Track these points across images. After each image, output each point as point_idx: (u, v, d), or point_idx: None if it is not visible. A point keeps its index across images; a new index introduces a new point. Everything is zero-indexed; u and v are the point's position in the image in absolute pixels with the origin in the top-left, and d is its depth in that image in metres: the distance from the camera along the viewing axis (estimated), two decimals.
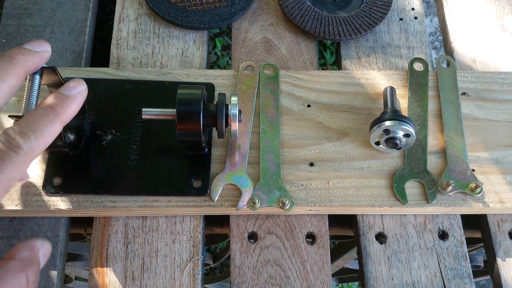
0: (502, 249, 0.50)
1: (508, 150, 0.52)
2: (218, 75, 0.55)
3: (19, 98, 0.53)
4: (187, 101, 0.44)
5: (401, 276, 0.49)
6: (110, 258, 0.48)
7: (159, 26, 0.61)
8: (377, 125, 0.48)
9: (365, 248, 0.50)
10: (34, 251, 0.35)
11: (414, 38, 0.62)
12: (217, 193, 0.48)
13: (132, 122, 0.51)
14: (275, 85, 0.55)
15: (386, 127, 0.48)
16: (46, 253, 0.36)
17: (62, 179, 0.48)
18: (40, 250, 0.36)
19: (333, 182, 0.50)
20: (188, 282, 0.47)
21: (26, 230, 0.49)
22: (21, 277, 0.32)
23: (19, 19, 0.60)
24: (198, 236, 0.49)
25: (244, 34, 0.61)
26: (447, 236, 0.51)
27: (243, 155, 0.50)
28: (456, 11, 0.65)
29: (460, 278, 0.49)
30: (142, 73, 0.55)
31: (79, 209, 0.48)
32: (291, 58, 0.60)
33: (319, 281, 0.48)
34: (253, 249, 0.49)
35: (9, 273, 0.32)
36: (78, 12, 0.61)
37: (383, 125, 0.48)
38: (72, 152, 0.48)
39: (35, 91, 0.40)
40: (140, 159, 0.50)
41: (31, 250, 0.35)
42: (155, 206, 0.48)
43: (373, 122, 0.49)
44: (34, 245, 0.36)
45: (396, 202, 0.49)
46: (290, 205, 0.48)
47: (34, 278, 0.34)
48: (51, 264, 0.48)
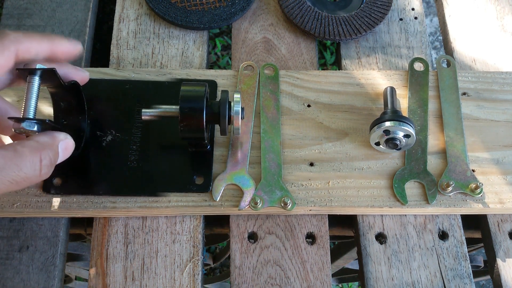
0: (502, 249, 0.50)
1: (509, 151, 0.52)
2: (218, 75, 0.55)
3: (19, 99, 0.53)
4: (190, 98, 0.44)
5: (401, 276, 0.49)
6: (110, 258, 0.48)
7: (159, 26, 0.61)
8: (377, 125, 0.48)
9: (365, 248, 0.50)
10: (54, 140, 0.38)
11: (414, 38, 0.62)
12: (219, 193, 0.48)
13: (132, 123, 0.51)
14: (275, 85, 0.55)
15: (386, 128, 0.48)
16: (67, 147, 0.40)
17: (62, 180, 0.48)
18: (61, 142, 0.39)
19: (333, 182, 0.50)
20: (188, 282, 0.47)
21: (26, 230, 0.49)
22: (35, 156, 0.36)
23: (19, 19, 0.60)
24: (198, 236, 0.49)
25: (244, 34, 0.61)
26: (447, 236, 0.51)
27: (244, 155, 0.50)
28: (456, 11, 0.65)
29: (460, 278, 0.49)
30: (142, 73, 0.55)
31: (79, 210, 0.48)
32: (291, 58, 0.60)
33: (319, 281, 0.48)
34: (253, 249, 0.49)
35: (26, 149, 0.35)
36: (78, 12, 0.61)
37: (383, 125, 0.48)
38: (72, 153, 0.48)
39: (35, 92, 0.40)
40: (140, 159, 0.50)
41: (51, 138, 0.38)
42: (155, 206, 0.48)
43: (373, 123, 0.49)
44: (56, 136, 0.39)
45: (396, 203, 0.49)
46: (291, 205, 0.48)
47: (48, 162, 0.37)
48: (51, 264, 0.48)
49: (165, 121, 0.51)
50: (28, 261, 0.48)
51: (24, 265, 0.48)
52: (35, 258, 0.48)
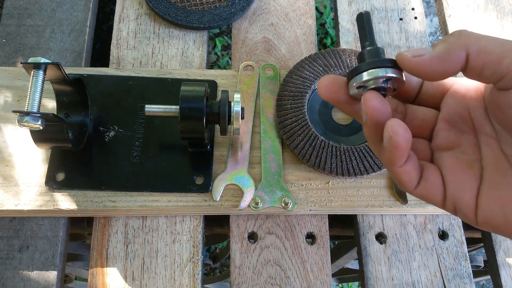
0: (502, 249, 0.50)
1: None
2: (218, 75, 0.55)
3: (19, 98, 0.53)
4: (190, 98, 0.44)
5: (401, 276, 0.49)
6: (110, 258, 0.48)
7: (159, 26, 0.61)
8: (350, 81, 0.31)
9: (365, 248, 0.50)
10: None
11: (414, 38, 0.62)
12: (219, 193, 0.48)
13: (135, 119, 0.51)
14: (275, 85, 0.55)
15: (359, 84, 0.30)
16: None
17: (64, 175, 0.48)
18: None
19: (333, 182, 0.50)
20: (188, 282, 0.47)
21: (26, 230, 0.49)
22: None
23: (19, 19, 0.60)
24: (198, 236, 0.49)
25: (244, 34, 0.61)
26: (447, 236, 0.51)
27: (244, 155, 0.50)
28: (456, 11, 0.65)
29: (460, 278, 0.49)
30: (142, 73, 0.55)
31: (79, 209, 0.48)
32: (291, 58, 0.59)
33: (319, 281, 0.48)
34: (253, 249, 0.49)
35: None
36: (78, 12, 0.61)
37: (355, 81, 0.30)
38: (75, 148, 0.48)
39: (39, 86, 0.40)
40: (142, 155, 0.50)
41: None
42: (155, 206, 0.48)
43: (347, 76, 0.31)
44: None
45: (396, 202, 0.49)
46: (292, 205, 0.48)
47: None
48: (51, 264, 0.48)
49: (166, 120, 0.51)
50: (28, 261, 0.48)
51: (24, 265, 0.48)
52: (35, 258, 0.48)
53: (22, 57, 0.58)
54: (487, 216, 0.26)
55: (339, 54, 0.53)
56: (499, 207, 0.26)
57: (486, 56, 0.25)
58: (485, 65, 0.25)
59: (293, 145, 0.49)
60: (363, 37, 0.30)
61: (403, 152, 0.26)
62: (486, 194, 0.26)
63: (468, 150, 0.29)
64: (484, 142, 0.28)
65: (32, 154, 0.50)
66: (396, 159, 0.27)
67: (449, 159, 0.29)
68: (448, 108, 0.30)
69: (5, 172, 0.49)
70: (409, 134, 0.26)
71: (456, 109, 0.29)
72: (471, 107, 0.29)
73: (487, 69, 0.25)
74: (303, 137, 0.49)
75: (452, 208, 0.27)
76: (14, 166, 0.49)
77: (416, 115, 0.31)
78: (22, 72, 0.54)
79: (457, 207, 0.27)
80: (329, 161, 0.48)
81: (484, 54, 0.25)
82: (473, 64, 0.26)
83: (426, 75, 0.27)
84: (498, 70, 0.25)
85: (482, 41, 0.26)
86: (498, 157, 0.27)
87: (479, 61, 0.25)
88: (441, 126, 0.30)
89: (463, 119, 0.29)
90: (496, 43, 0.25)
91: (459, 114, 0.29)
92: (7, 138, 0.51)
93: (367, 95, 0.28)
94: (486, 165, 0.27)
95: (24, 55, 0.58)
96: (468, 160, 0.28)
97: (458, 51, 0.26)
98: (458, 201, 0.27)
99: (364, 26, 0.31)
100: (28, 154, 0.50)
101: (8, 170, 0.49)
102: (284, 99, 0.51)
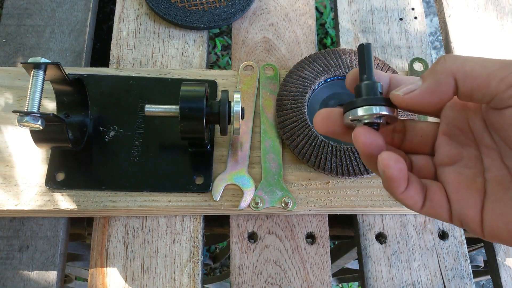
0: (502, 249, 0.50)
1: None
2: (218, 75, 0.55)
3: (19, 98, 0.53)
4: (190, 98, 0.44)
5: (401, 276, 0.49)
6: (110, 258, 0.48)
7: (159, 26, 0.61)
8: (346, 114, 0.31)
9: (365, 248, 0.50)
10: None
11: (414, 38, 0.62)
12: (219, 193, 0.48)
13: (135, 119, 0.51)
14: (275, 85, 0.55)
15: (355, 118, 0.30)
16: None
17: (64, 175, 0.48)
18: None
19: (333, 182, 0.50)
20: (188, 282, 0.47)
21: (26, 230, 0.49)
22: None
23: (19, 19, 0.60)
24: (198, 236, 0.49)
25: (244, 34, 0.61)
26: (447, 236, 0.51)
27: (244, 155, 0.50)
28: (456, 11, 0.65)
29: (460, 278, 0.49)
30: (142, 73, 0.55)
31: (79, 209, 0.48)
32: (291, 58, 0.59)
33: (319, 281, 0.48)
34: (253, 249, 0.49)
35: None
36: (78, 12, 0.61)
37: (349, 115, 0.30)
38: (75, 148, 0.48)
39: (39, 86, 0.40)
40: (142, 155, 0.50)
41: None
42: (155, 206, 0.48)
43: (344, 108, 0.32)
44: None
45: (396, 202, 0.49)
46: (292, 205, 0.48)
47: None
48: (51, 264, 0.48)
49: (166, 120, 0.51)
50: (28, 261, 0.48)
51: (24, 265, 0.48)
52: (35, 258, 0.48)
53: (22, 57, 0.58)
54: (494, 231, 0.26)
55: (339, 54, 0.53)
56: (504, 224, 0.26)
57: (473, 81, 0.25)
58: (473, 89, 0.25)
59: (293, 145, 0.49)
60: (362, 69, 0.30)
61: (399, 182, 0.27)
62: (490, 209, 0.26)
63: (470, 163, 0.28)
64: (486, 154, 0.28)
65: (32, 154, 0.50)
66: (395, 188, 0.27)
67: (452, 175, 0.28)
68: (447, 121, 0.29)
69: (5, 172, 0.49)
70: (402, 164, 0.26)
71: (455, 121, 0.29)
72: (470, 119, 0.29)
73: (476, 92, 0.25)
74: (303, 137, 0.49)
75: (459, 223, 0.28)
76: (14, 166, 0.49)
77: (415, 132, 0.31)
78: (22, 72, 0.54)
79: (463, 223, 0.27)
80: (329, 161, 0.48)
81: (471, 79, 0.25)
82: (462, 89, 0.26)
83: (422, 109, 0.28)
84: (488, 93, 0.25)
85: (467, 65, 0.26)
86: (500, 169, 0.27)
87: (467, 85, 0.25)
88: (441, 140, 0.30)
89: (463, 132, 0.29)
90: (480, 66, 0.25)
91: (459, 127, 0.29)
92: (7, 138, 0.51)
93: (357, 131, 0.28)
94: (489, 178, 0.27)
95: (24, 55, 0.58)
96: (471, 174, 0.28)
97: (446, 79, 0.26)
98: (463, 217, 0.27)
99: (364, 58, 0.31)
100: (28, 154, 0.50)
101: (8, 170, 0.49)
102: (284, 99, 0.51)
